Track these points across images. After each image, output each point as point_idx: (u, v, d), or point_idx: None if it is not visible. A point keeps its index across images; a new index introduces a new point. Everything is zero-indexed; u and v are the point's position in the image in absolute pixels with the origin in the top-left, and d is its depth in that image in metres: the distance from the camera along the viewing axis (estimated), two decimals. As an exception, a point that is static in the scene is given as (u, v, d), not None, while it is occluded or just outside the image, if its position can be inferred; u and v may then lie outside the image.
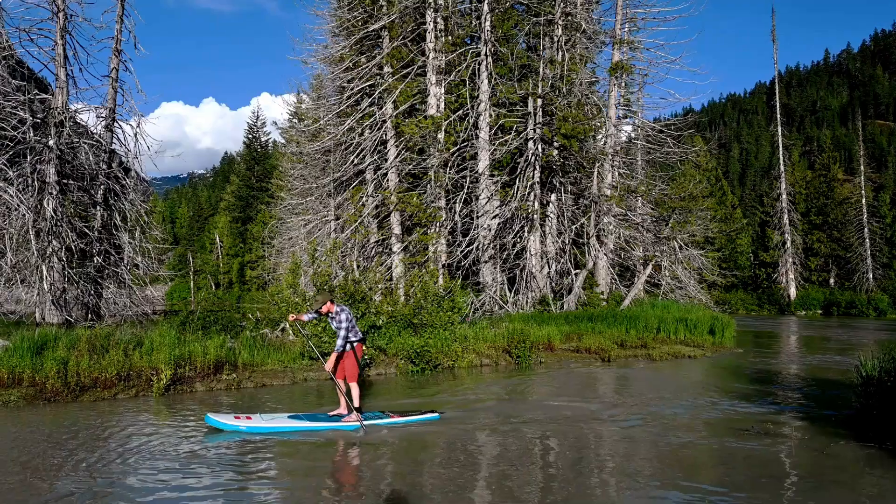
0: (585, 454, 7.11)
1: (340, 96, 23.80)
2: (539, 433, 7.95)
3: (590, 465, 6.71)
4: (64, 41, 22.86)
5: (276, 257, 33.97)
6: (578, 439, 7.67)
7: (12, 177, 19.48)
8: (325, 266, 15.78)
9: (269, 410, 9.26)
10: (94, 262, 23.01)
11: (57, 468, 6.50)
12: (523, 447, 7.32)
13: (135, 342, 11.74)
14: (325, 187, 25.02)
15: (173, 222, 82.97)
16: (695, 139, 33.42)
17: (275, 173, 43.91)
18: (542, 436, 7.82)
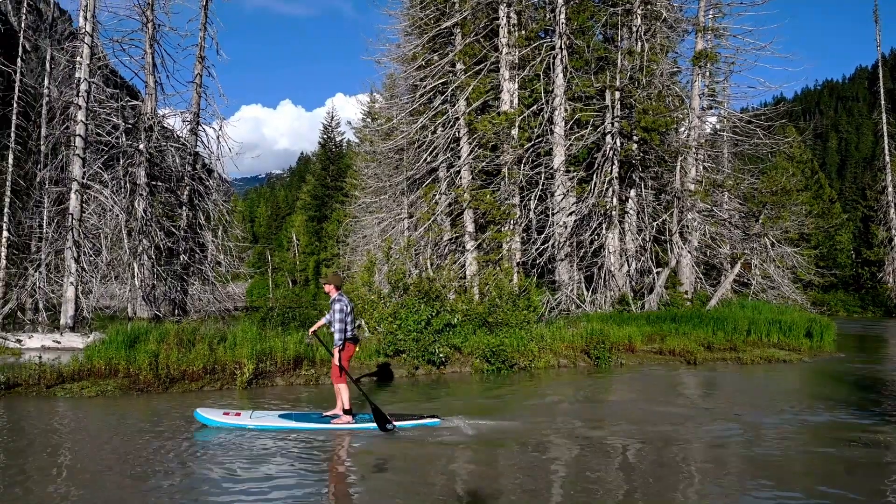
0: (670, 463, 6.78)
1: (413, 95, 24.05)
2: (619, 439, 7.67)
3: (674, 474, 6.41)
4: (153, 50, 24.27)
5: (350, 255, 34.76)
6: (662, 447, 7.33)
7: (107, 179, 20.77)
8: (400, 264, 15.99)
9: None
10: (181, 260, 24.31)
11: (146, 456, 6.88)
12: (602, 453, 7.08)
13: (219, 337, 12.29)
14: (399, 185, 25.35)
15: (252, 221, 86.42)
16: (787, 129, 31.58)
17: (349, 172, 44.89)
18: (623, 442, 7.55)
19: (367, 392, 8.44)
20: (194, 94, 26.27)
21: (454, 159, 22.53)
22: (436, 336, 12.57)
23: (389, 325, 12.90)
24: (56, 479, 6.21)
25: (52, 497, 5.67)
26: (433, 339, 12.48)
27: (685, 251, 20.99)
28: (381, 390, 11.01)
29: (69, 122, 20.70)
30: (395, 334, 12.63)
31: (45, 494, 5.73)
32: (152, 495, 5.71)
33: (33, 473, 6.30)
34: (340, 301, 7.99)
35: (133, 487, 5.91)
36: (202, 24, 26.23)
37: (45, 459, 6.77)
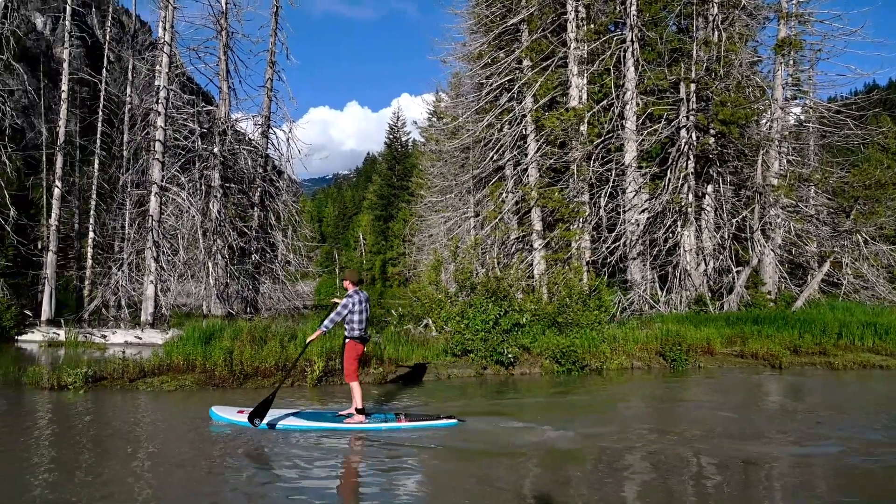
0: (753, 478, 6.28)
1: (479, 93, 23.94)
2: (698, 449, 7.18)
3: (758, 491, 5.96)
4: (226, 57, 25.16)
5: (416, 254, 34.98)
6: (745, 459, 6.79)
7: (184, 182, 21.64)
8: (466, 263, 15.90)
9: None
10: (252, 259, 25.09)
11: (220, 449, 7.05)
12: (678, 465, 6.62)
13: (289, 335, 12.55)
14: (465, 184, 25.30)
15: (320, 221, 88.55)
16: (881, 119, 29.56)
17: (415, 172, 45.22)
18: (702, 452, 7.06)
19: (275, 391, 8.16)
20: (265, 97, 27.08)
21: (521, 157, 22.27)
22: (504, 336, 12.39)
23: (457, 325, 12.81)
24: (133, 469, 6.42)
25: (128, 486, 5.86)
26: (501, 338, 12.31)
27: (768, 249, 19.95)
28: (448, 390, 10.94)
29: (149, 128, 21.71)
30: (463, 333, 12.53)
31: (123, 483, 5.93)
32: (223, 489, 5.82)
33: (114, 463, 6.55)
34: (350, 297, 7.91)
35: (204, 481, 6.03)
36: (273, 30, 27.01)
37: (125, 450, 7.03)
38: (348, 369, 7.94)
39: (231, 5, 24.95)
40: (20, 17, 35.46)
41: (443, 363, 12.31)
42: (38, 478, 6.06)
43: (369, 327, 8.29)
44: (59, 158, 24.17)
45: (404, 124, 65.42)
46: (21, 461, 6.60)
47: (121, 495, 5.58)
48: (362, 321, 7.95)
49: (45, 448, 7.15)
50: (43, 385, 10.18)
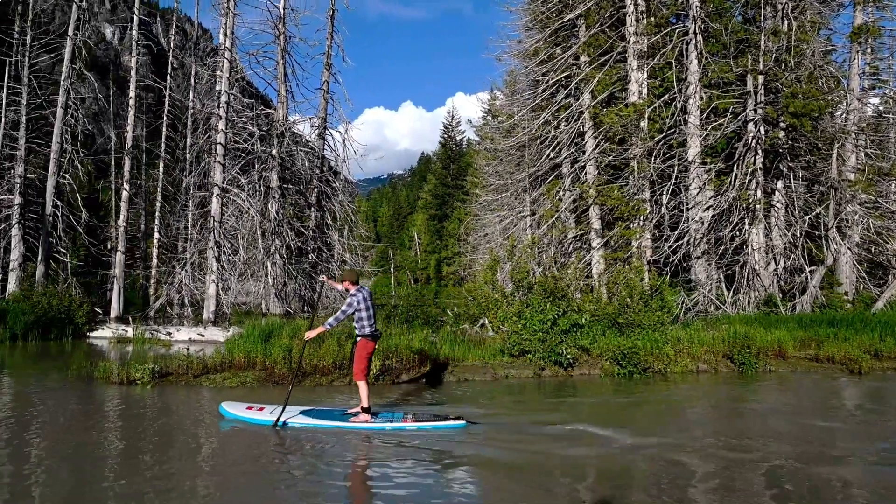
0: (830, 494, 5.77)
1: (535, 90, 23.68)
2: (770, 459, 6.68)
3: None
4: (284, 61, 25.73)
5: (471, 253, 34.93)
6: (821, 472, 6.27)
7: (244, 183, 22.22)
8: (523, 262, 15.72)
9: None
10: (310, 259, 25.56)
11: (277, 446, 7.15)
12: (749, 476, 6.15)
13: (346, 333, 12.67)
14: (520, 183, 25.08)
15: (375, 221, 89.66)
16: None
17: (469, 171, 45.19)
18: (775, 463, 6.55)
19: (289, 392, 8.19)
20: (321, 100, 27.56)
21: (578, 154, 21.89)
22: (563, 336, 12.18)
23: (514, 325, 12.67)
24: (197, 464, 6.58)
25: (190, 480, 6.00)
26: (560, 339, 12.10)
27: (844, 248, 18.96)
28: (506, 390, 10.82)
29: (211, 132, 22.40)
30: (520, 334, 12.38)
31: (186, 477, 6.07)
32: (280, 486, 5.88)
33: (178, 457, 6.73)
34: (354, 296, 7.85)
35: (262, 478, 6.11)
36: (329, 33, 27.47)
37: (189, 445, 7.22)
38: (357, 368, 7.92)
39: (288, 10, 25.50)
40: (91, 28, 37.17)
41: (500, 363, 12.19)
42: (109, 468, 6.28)
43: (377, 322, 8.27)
44: (127, 162, 25.21)
45: (459, 123, 65.57)
46: (93, 452, 6.87)
47: (184, 489, 5.72)
48: (371, 317, 7.92)
49: (115, 440, 7.42)
50: (113, 380, 10.60)
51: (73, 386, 10.63)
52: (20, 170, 23.26)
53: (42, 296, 18.64)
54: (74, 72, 23.37)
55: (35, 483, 5.87)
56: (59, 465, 6.43)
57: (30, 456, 6.73)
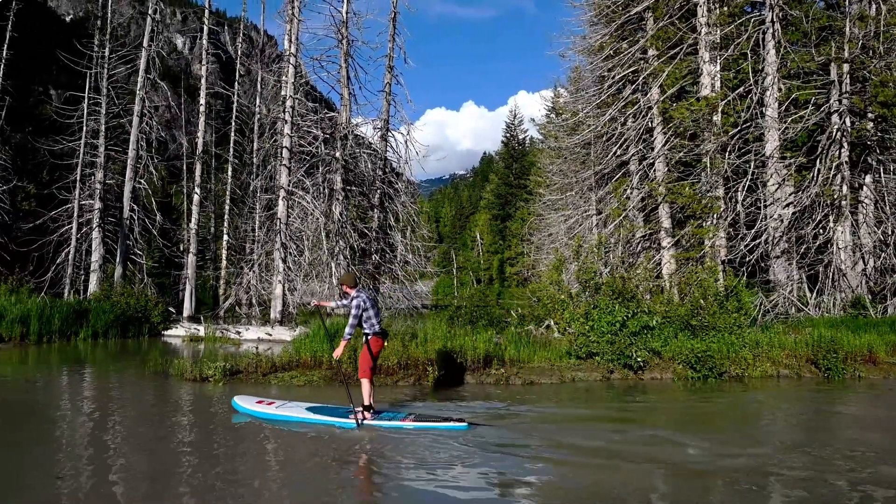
0: None
1: (600, 86, 23.26)
2: (868, 481, 6.05)
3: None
4: (347, 64, 26.22)
5: (535, 254, 34.64)
6: None
7: (308, 186, 22.76)
8: (589, 262, 15.45)
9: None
10: (373, 260, 25.94)
11: (341, 447, 7.26)
12: (841, 501, 5.59)
13: (410, 334, 12.79)
14: (586, 181, 24.68)
15: (437, 221, 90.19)
16: None
17: (533, 170, 44.86)
18: (874, 486, 5.95)
19: (349, 390, 8.17)
20: (384, 102, 27.94)
21: (647, 151, 21.35)
22: (632, 339, 11.88)
23: (581, 327, 12.45)
24: (265, 461, 6.75)
25: (257, 477, 6.16)
26: (629, 341, 11.81)
27: (941, 246, 17.75)
28: (573, 393, 10.64)
29: (277, 136, 23.08)
30: (588, 335, 12.16)
31: (252, 475, 6.24)
32: (345, 486, 5.96)
33: (246, 455, 6.93)
34: (357, 298, 7.92)
35: (326, 478, 6.21)
36: (391, 35, 27.84)
37: (256, 443, 7.42)
38: (363, 367, 8.00)
39: (351, 14, 25.96)
40: (163, 39, 38.74)
41: (567, 366, 12.01)
42: (182, 461, 6.53)
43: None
44: (197, 167, 26.28)
45: (521, 122, 65.17)
46: (168, 445, 7.16)
47: (253, 486, 5.88)
48: (377, 314, 8.07)
49: (188, 434, 7.71)
50: (187, 377, 11.05)
51: (150, 382, 11.13)
52: (100, 176, 24.61)
53: (120, 296, 19.64)
54: (149, 81, 24.54)
55: (114, 472, 6.18)
56: (136, 457, 6.76)
57: (110, 446, 7.09)
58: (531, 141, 61.31)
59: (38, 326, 16.32)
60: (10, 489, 5.63)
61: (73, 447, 7.06)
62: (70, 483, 5.75)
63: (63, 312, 16.96)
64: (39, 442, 7.23)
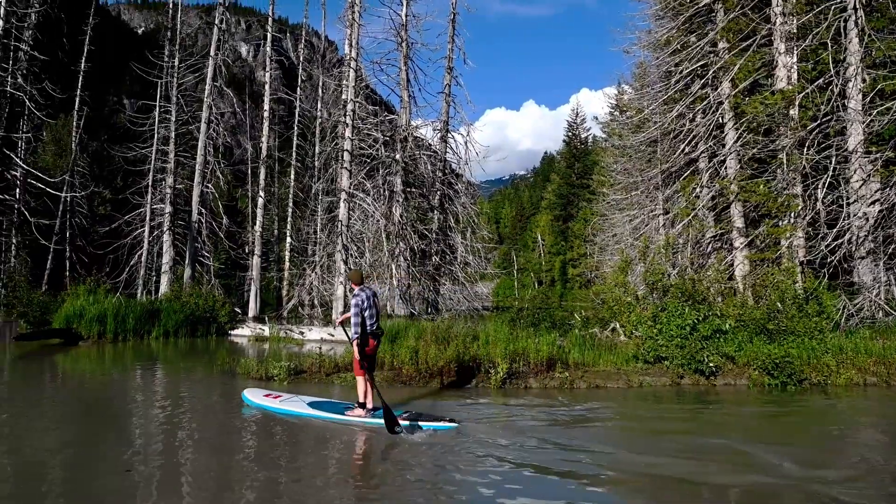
0: None
1: (667, 82, 22.67)
2: None
3: None
4: (406, 67, 26.50)
5: (599, 255, 34.06)
6: None
7: (369, 188, 23.09)
8: (657, 264, 15.07)
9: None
10: (433, 261, 26.09)
11: (404, 448, 7.29)
12: None
13: (471, 336, 12.76)
14: (652, 180, 24.10)
15: (498, 223, 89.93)
16: None
17: (595, 169, 44.20)
18: None
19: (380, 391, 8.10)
20: (443, 103, 28.10)
21: (717, 148, 20.66)
22: (703, 343, 11.50)
23: (649, 330, 12.15)
24: (326, 460, 6.85)
25: (316, 473, 6.24)
26: (700, 345, 11.43)
27: None
28: (641, 399, 10.37)
29: (338, 139, 23.52)
30: (656, 339, 11.84)
31: (309, 469, 6.33)
32: (412, 488, 5.97)
33: (307, 451, 7.05)
34: (357, 296, 8.14)
35: (392, 480, 6.24)
36: (450, 37, 27.99)
37: (315, 443, 7.54)
38: (357, 365, 8.21)
39: (410, 17, 26.24)
40: (229, 47, 40.18)
41: (633, 370, 11.72)
42: (247, 456, 6.72)
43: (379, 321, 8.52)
44: (262, 171, 27.06)
45: (584, 120, 64.25)
46: (235, 441, 7.38)
47: (315, 484, 6.00)
48: (371, 316, 8.20)
49: (254, 431, 7.91)
50: (253, 376, 11.38)
51: (218, 380, 11.51)
52: (170, 181, 25.70)
53: (189, 296, 20.41)
54: (215, 89, 25.46)
55: (180, 466, 6.45)
56: (202, 453, 7.01)
57: (178, 442, 7.37)
58: (594, 139, 60.38)
59: (114, 325, 17.15)
60: (81, 479, 5.94)
61: (144, 441, 7.37)
62: (137, 476, 6.00)
63: (136, 312, 17.75)
64: (112, 435, 7.62)
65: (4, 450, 6.93)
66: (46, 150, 35.49)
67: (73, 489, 5.67)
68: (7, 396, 10.53)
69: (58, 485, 5.82)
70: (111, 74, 58.86)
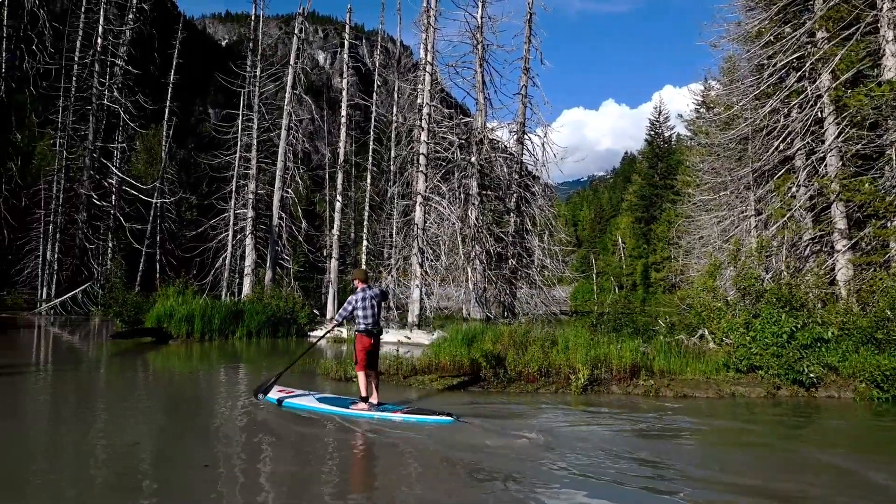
0: None
1: (759, 76, 21.68)
2: None
3: None
4: (482, 69, 26.54)
5: (684, 258, 32.95)
6: None
7: (444, 191, 23.24)
8: (749, 267, 14.39)
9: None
10: (509, 265, 25.97)
11: (487, 450, 7.24)
12: None
13: (549, 340, 12.58)
14: (742, 179, 23.09)
15: (575, 225, 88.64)
16: None
17: (680, 169, 42.84)
18: None
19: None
20: (519, 104, 27.97)
21: (816, 144, 19.55)
22: (802, 352, 10.87)
23: (741, 338, 11.61)
24: (399, 461, 6.89)
25: (391, 472, 6.28)
26: (799, 355, 10.82)
27: None
28: (732, 409, 9.90)
29: (413, 143, 23.80)
30: (749, 347, 11.30)
31: (382, 466, 6.37)
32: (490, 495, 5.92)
33: (382, 454, 7.11)
34: (355, 295, 8.81)
35: (461, 486, 6.20)
36: (526, 37, 27.86)
37: (389, 445, 7.60)
38: (356, 360, 8.79)
39: (486, 19, 26.27)
40: (307, 55, 41.40)
41: (724, 379, 11.23)
42: (322, 455, 6.85)
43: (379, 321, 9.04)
44: (339, 176, 27.75)
45: (667, 118, 62.39)
46: (310, 442, 7.55)
47: (389, 482, 6.10)
48: (367, 316, 8.73)
49: (329, 434, 8.06)
50: (332, 377, 11.65)
51: (298, 380, 11.81)
52: (252, 186, 26.77)
53: (271, 298, 21.16)
54: (295, 96, 26.34)
55: (258, 463, 6.67)
56: (282, 450, 7.25)
57: (257, 439, 7.63)
58: (678, 138, 58.51)
59: (201, 325, 18.02)
60: (161, 471, 6.26)
61: (224, 437, 7.68)
62: (214, 471, 6.23)
63: (221, 313, 18.58)
64: (194, 431, 8.01)
65: (100, 440, 7.39)
66: (139, 158, 37.86)
67: (153, 481, 5.94)
68: (104, 391, 11.31)
69: (140, 475, 6.12)
70: (197, 85, 62.02)
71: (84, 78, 30.26)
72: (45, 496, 5.50)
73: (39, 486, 5.72)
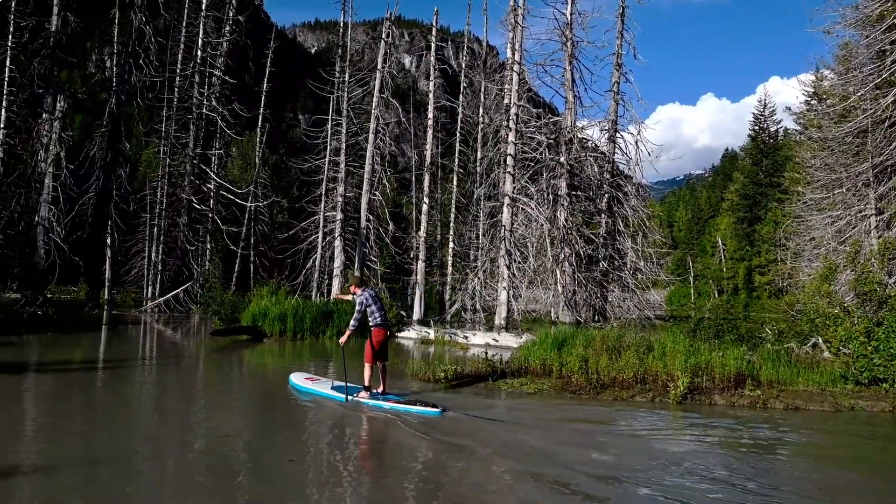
0: None
1: (880, 63, 20.21)
2: None
3: None
4: (571, 67, 26.09)
5: (792, 261, 31.08)
6: None
7: (532, 192, 23.01)
8: (869, 271, 13.39)
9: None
10: (600, 267, 25.38)
11: (576, 459, 7.03)
12: None
13: (645, 346, 12.14)
14: (860, 176, 21.53)
15: (671, 226, 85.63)
16: None
17: (788, 165, 40.51)
18: None
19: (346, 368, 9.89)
20: (611, 102, 27.30)
21: (947, 134, 18.00)
22: (936, 364, 9.98)
23: (861, 347, 10.79)
24: (489, 463, 6.81)
25: (480, 471, 6.20)
26: (930, 367, 9.94)
27: None
28: (852, 424, 9.19)
29: (500, 144, 23.73)
30: (871, 358, 10.49)
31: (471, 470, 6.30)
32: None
33: (475, 463, 7.06)
34: (360, 296, 9.62)
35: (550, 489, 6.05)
36: (619, 32, 27.18)
37: (477, 448, 7.52)
38: (367, 353, 9.65)
39: (576, 15, 25.81)
40: (393, 59, 42.15)
41: (842, 391, 10.47)
42: (405, 458, 6.89)
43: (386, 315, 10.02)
44: (426, 178, 28.07)
45: (773, 112, 59.02)
46: (402, 445, 7.61)
47: (477, 481, 6.06)
48: (380, 310, 9.73)
49: (413, 433, 8.08)
50: (421, 377, 11.76)
51: (387, 380, 12.02)
52: (341, 189, 27.54)
53: (360, 299, 21.61)
54: (382, 100, 26.85)
55: (340, 461, 6.86)
56: (365, 447, 7.44)
57: (343, 437, 7.86)
58: (785, 133, 55.30)
59: (293, 324, 18.71)
60: (248, 464, 6.53)
61: (311, 434, 7.97)
62: (298, 466, 6.41)
63: (313, 313, 19.20)
64: (284, 426, 8.34)
65: (198, 431, 7.84)
66: (234, 164, 39.86)
67: (239, 472, 6.20)
68: (203, 386, 11.95)
69: (228, 466, 6.41)
70: (288, 92, 64.61)
71: (185, 89, 32.16)
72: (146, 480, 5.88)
73: (143, 471, 6.16)
